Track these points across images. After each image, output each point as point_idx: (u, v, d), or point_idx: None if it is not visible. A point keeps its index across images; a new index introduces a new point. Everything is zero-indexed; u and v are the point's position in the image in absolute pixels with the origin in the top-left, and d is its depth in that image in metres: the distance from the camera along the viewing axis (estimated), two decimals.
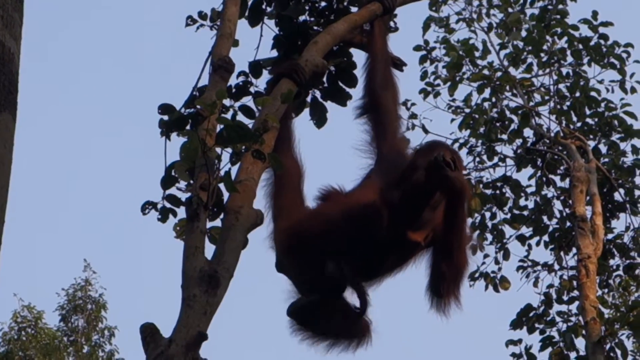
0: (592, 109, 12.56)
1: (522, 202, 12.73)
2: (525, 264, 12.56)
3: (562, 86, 12.76)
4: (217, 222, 4.26)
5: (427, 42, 13.10)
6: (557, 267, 12.56)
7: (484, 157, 12.86)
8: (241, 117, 5.04)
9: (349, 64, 5.51)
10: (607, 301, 11.81)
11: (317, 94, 5.52)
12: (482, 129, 12.63)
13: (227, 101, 5.11)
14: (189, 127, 4.51)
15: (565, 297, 12.16)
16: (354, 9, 5.55)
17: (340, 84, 5.51)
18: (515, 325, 11.93)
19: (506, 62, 12.84)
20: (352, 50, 5.55)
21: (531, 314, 12.00)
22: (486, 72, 12.69)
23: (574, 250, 11.70)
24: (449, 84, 12.81)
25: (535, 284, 12.42)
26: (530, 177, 12.74)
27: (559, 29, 12.65)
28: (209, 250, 4.01)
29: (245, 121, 4.75)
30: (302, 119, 5.47)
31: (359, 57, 5.49)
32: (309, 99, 5.51)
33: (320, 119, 5.51)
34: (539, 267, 12.53)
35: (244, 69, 5.41)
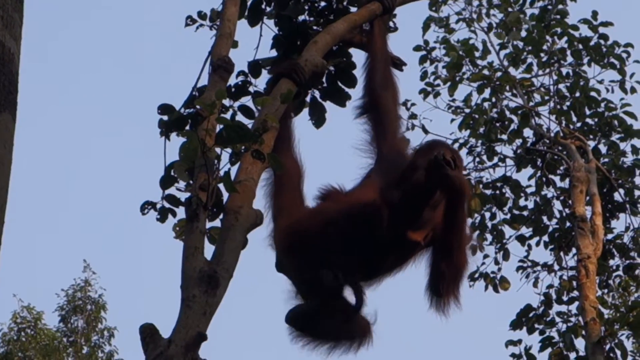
0: (592, 109, 12.54)
1: (522, 202, 12.73)
2: (525, 264, 12.55)
3: (562, 86, 12.76)
4: (217, 223, 4.26)
5: (427, 42, 13.10)
6: (556, 267, 12.55)
7: (484, 157, 12.85)
8: (241, 117, 5.04)
9: (348, 64, 5.50)
10: (607, 301, 11.80)
11: (317, 94, 5.52)
12: (482, 129, 12.62)
13: (226, 101, 5.10)
14: (188, 127, 4.51)
15: (565, 298, 12.15)
16: (353, 9, 5.54)
17: (339, 84, 5.50)
18: (515, 325, 11.92)
19: (506, 62, 12.83)
20: (351, 50, 5.54)
21: (531, 315, 11.98)
22: (486, 72, 12.68)
23: (574, 250, 11.69)
24: (448, 84, 12.79)
25: (535, 285, 12.42)
26: (530, 178, 12.73)
27: (559, 29, 12.64)
28: (209, 250, 4.01)
29: (244, 121, 4.76)
30: (301, 119, 5.47)
31: (359, 57, 5.49)
32: (308, 98, 5.50)
33: (319, 119, 5.51)
34: (539, 268, 12.52)
35: (244, 68, 5.41)
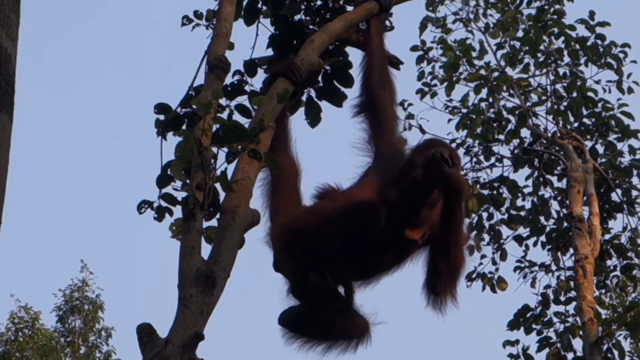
0: (589, 109, 12.55)
1: (519, 202, 12.74)
2: (522, 265, 12.55)
3: (559, 86, 12.76)
4: (214, 222, 4.26)
5: (424, 42, 13.10)
6: (554, 267, 12.56)
7: (481, 158, 12.86)
8: (237, 116, 5.03)
9: (344, 63, 5.50)
10: (604, 302, 11.82)
11: (313, 93, 5.51)
12: (479, 130, 12.63)
13: (222, 100, 5.10)
14: (185, 126, 4.50)
15: (562, 298, 12.16)
16: (349, 8, 5.53)
17: (335, 84, 5.49)
18: (512, 326, 11.92)
19: (503, 62, 12.84)
20: (348, 49, 5.54)
21: (528, 315, 11.99)
22: (483, 72, 12.68)
23: (571, 250, 11.68)
24: (446, 84, 12.79)
25: (532, 285, 12.43)
26: (527, 178, 12.74)
27: (556, 29, 12.65)
28: (206, 250, 4.00)
29: (241, 120, 4.76)
30: (298, 118, 5.46)
31: (355, 56, 5.49)
32: (304, 98, 5.49)
33: (314, 118, 5.49)
34: (536, 268, 12.53)
35: (240, 68, 5.40)
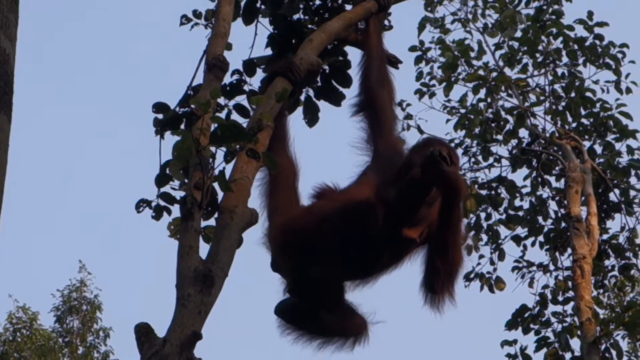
0: (587, 110, 12.56)
1: (517, 202, 12.75)
2: (520, 265, 12.56)
3: (557, 86, 12.77)
4: (212, 221, 4.25)
5: (422, 42, 13.12)
6: (552, 267, 12.58)
7: (479, 158, 12.88)
8: (236, 116, 5.02)
9: (343, 63, 5.50)
10: (602, 302, 11.83)
11: (311, 92, 5.50)
12: (477, 130, 12.64)
13: (221, 100, 5.09)
14: (183, 126, 4.49)
15: (560, 298, 12.17)
16: (348, 7, 5.53)
17: (334, 84, 5.49)
18: (510, 325, 11.93)
19: (501, 63, 12.85)
20: (346, 49, 5.53)
21: (526, 315, 12.00)
22: (481, 72, 12.69)
23: (569, 250, 11.70)
24: (444, 84, 12.80)
25: (530, 285, 12.44)
26: (525, 178, 12.76)
27: (555, 29, 12.66)
28: (204, 249, 4.00)
29: (239, 120, 4.74)
30: (296, 118, 5.46)
31: (354, 56, 5.49)
32: (303, 97, 5.49)
33: (312, 118, 5.49)
34: (534, 268, 12.54)
35: (239, 67, 5.40)
